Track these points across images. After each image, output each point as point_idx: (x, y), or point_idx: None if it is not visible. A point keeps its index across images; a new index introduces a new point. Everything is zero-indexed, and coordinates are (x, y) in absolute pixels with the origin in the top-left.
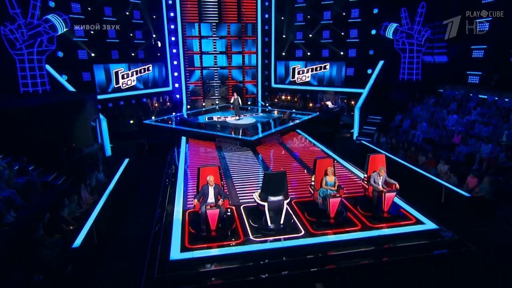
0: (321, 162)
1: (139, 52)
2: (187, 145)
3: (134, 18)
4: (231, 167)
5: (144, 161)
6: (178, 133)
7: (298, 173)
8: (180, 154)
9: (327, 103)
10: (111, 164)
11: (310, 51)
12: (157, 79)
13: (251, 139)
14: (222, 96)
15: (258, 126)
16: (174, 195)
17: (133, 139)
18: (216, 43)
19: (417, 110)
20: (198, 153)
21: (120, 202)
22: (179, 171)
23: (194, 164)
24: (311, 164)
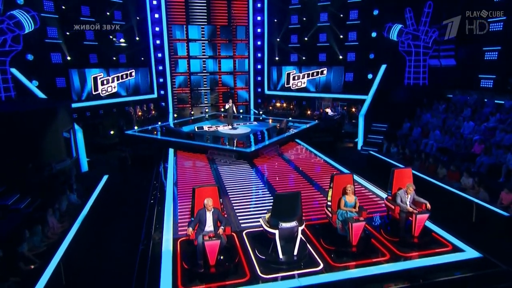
0: (339, 179)
1: (120, 56)
2: (175, 158)
3: (115, 19)
4: (227, 183)
5: (126, 178)
6: (165, 144)
7: (305, 189)
8: (167, 169)
9: (327, 110)
10: (87, 181)
11: (306, 55)
12: (141, 86)
13: (247, 151)
14: (211, 103)
15: (254, 136)
16: (162, 220)
17: (114, 152)
18: (205, 47)
19: (427, 117)
20: (188, 167)
21: (96, 230)
22: (168, 190)
23: (185, 181)
24: (317, 178)
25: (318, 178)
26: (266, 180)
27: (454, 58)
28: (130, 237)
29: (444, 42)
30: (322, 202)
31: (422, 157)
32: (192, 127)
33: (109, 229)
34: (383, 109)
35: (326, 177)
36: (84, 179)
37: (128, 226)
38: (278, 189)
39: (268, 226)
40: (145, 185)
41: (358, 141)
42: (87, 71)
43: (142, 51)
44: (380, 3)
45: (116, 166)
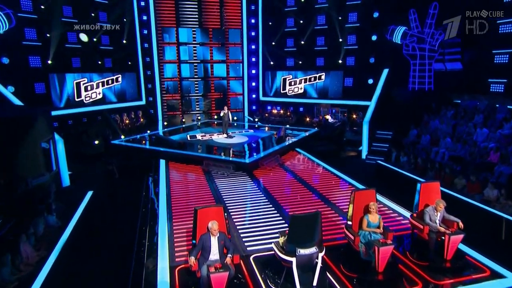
0: (360, 196)
1: (106, 60)
2: (168, 170)
3: (101, 21)
4: (226, 199)
5: (113, 194)
6: (155, 155)
7: (315, 204)
8: (159, 183)
9: (327, 117)
10: (69, 199)
11: (303, 60)
12: (128, 92)
13: (246, 162)
14: (204, 110)
15: (252, 146)
16: (156, 243)
17: (99, 164)
18: (196, 51)
19: (435, 124)
20: (183, 181)
21: (79, 257)
22: (160, 208)
23: (179, 197)
24: (325, 191)
25: (326, 191)
26: (270, 195)
27: (460, 62)
28: (119, 266)
29: (449, 45)
30: (333, 218)
31: (436, 166)
32: (184, 136)
33: (95, 256)
34: (387, 116)
35: (334, 190)
36: (65, 196)
37: (117, 253)
38: (284, 204)
39: (283, 253)
40: (134, 202)
41: (363, 149)
42: (69, 76)
43: (129, 55)
44: (381, 5)
45: (102, 180)
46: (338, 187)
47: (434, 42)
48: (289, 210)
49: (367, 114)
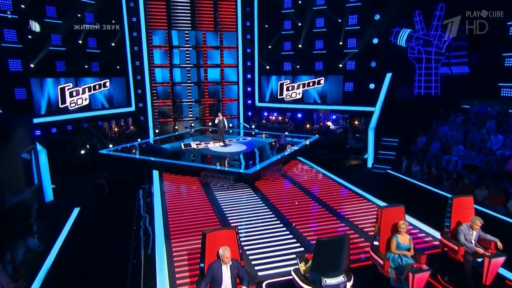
0: (388, 213)
1: (92, 64)
2: (162, 183)
3: (87, 22)
4: (229, 214)
5: (103, 211)
6: (148, 165)
7: (327, 220)
8: (154, 196)
9: (328, 124)
10: (53, 217)
11: (301, 64)
12: (116, 98)
13: (248, 173)
14: (197, 117)
15: (252, 155)
16: (154, 270)
17: (86, 175)
18: (189, 54)
19: (445, 130)
20: (179, 194)
21: (65, 287)
22: (157, 227)
23: (177, 213)
24: (334, 204)
25: (337, 205)
26: (276, 209)
27: (468, 65)
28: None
29: (456, 48)
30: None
31: (454, 177)
32: (177, 144)
33: (83, 285)
34: (392, 122)
35: (345, 203)
36: (48, 213)
37: (109, 280)
38: (293, 220)
39: (306, 283)
40: (127, 219)
41: (368, 157)
42: (52, 81)
43: (117, 58)
44: (383, 7)
45: (90, 195)
46: (348, 199)
47: (441, 44)
48: (300, 228)
49: (372, 120)
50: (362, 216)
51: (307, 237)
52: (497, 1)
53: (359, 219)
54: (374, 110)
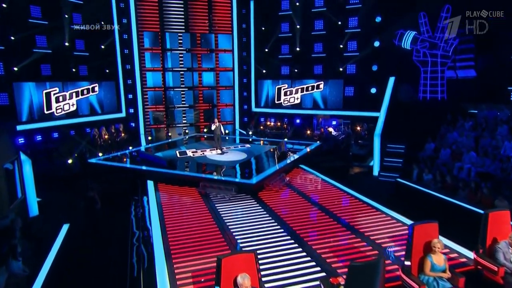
0: (420, 231)
1: (80, 67)
2: (158, 194)
3: (74, 24)
4: (234, 229)
5: (96, 228)
6: (142, 175)
7: (341, 235)
8: (150, 210)
9: (329, 130)
10: (40, 235)
11: (299, 68)
12: (106, 103)
13: (251, 183)
14: (191, 123)
15: (253, 163)
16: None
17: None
18: (183, 58)
19: (454, 136)
20: (177, 207)
21: None
22: (156, 244)
23: (176, 227)
24: (346, 215)
25: (349, 217)
26: (285, 223)
27: (474, 69)
28: None
29: (461, 51)
30: (368, 252)
31: (472, 186)
32: (172, 153)
33: None
34: (398, 128)
35: (357, 214)
36: (34, 231)
37: None
38: (306, 236)
39: None
40: (122, 237)
41: (374, 165)
42: (37, 86)
43: (107, 62)
44: (384, 9)
45: (80, 209)
46: (359, 211)
47: (448, 47)
48: (313, 244)
49: (377, 126)
50: (378, 229)
51: (323, 255)
52: (504, 2)
53: (376, 233)
54: (376, 115)
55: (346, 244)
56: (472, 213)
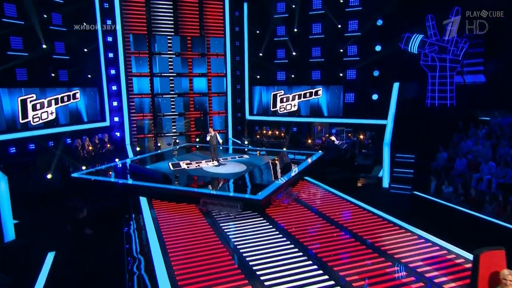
0: (486, 259)
1: (60, 72)
2: (153, 213)
3: (54, 24)
4: (246, 253)
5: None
6: (133, 191)
7: (368, 258)
8: (147, 232)
9: (331, 138)
10: (19, 265)
11: (296, 73)
12: (88, 111)
13: (258, 198)
14: (181, 132)
15: (256, 176)
16: None
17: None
18: (172, 62)
19: (468, 145)
20: (178, 228)
21: None
22: (158, 273)
23: (180, 252)
24: (368, 234)
25: (371, 236)
26: (301, 245)
27: (484, 74)
28: None
29: (470, 55)
30: (403, 279)
31: (500, 200)
32: (164, 165)
33: None
34: (406, 136)
35: (378, 232)
36: (12, 261)
37: None
38: (328, 259)
39: None
40: (118, 265)
41: (383, 176)
42: (11, 92)
43: (90, 66)
44: (386, 11)
45: (66, 234)
46: (379, 228)
47: (459, 51)
48: (339, 269)
49: (386, 135)
50: (407, 250)
51: (353, 283)
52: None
53: (406, 256)
54: (378, 122)
55: (375, 268)
56: (503, 228)
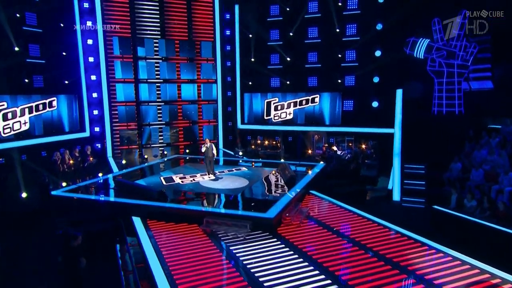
0: None
1: (35, 78)
2: (151, 235)
3: (28, 25)
4: (266, 282)
5: None
6: (124, 210)
7: (406, 285)
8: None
9: (333, 149)
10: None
11: (291, 80)
12: (66, 120)
13: (269, 217)
14: (168, 143)
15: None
16: None
17: (39, 230)
18: (159, 68)
19: (482, 155)
20: (183, 253)
21: None
22: None
23: (189, 284)
24: (397, 256)
25: (401, 258)
26: (326, 270)
27: (491, 80)
28: None
29: (477, 61)
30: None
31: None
32: (155, 179)
33: None
34: (415, 146)
35: (407, 253)
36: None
37: None
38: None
39: None
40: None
41: (394, 189)
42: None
43: (67, 71)
44: (386, 15)
45: (54, 265)
46: (405, 247)
47: (468, 56)
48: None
49: (395, 144)
50: (436, 270)
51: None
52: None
53: (438, 276)
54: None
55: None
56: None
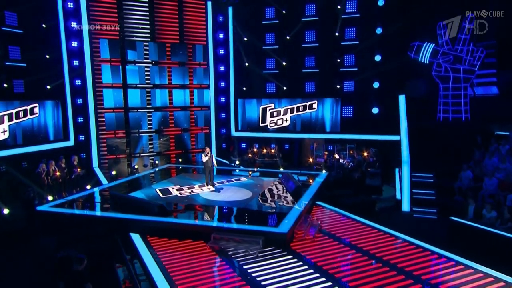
0: None
1: (15, 82)
2: (154, 254)
3: (7, 25)
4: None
5: None
6: (121, 227)
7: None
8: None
9: (335, 156)
10: None
11: (288, 85)
12: (49, 128)
13: (283, 232)
14: (158, 152)
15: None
16: None
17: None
18: (149, 72)
19: (494, 163)
20: (192, 274)
21: None
22: None
23: None
24: (424, 273)
25: (429, 275)
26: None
27: (496, 86)
28: None
29: (482, 66)
30: None
31: None
32: (150, 191)
33: None
34: (421, 153)
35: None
36: None
37: None
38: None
39: None
40: None
41: (403, 199)
42: None
43: (50, 75)
44: (386, 19)
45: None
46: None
47: (475, 61)
48: None
49: (403, 152)
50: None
51: None
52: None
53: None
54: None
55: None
56: None
